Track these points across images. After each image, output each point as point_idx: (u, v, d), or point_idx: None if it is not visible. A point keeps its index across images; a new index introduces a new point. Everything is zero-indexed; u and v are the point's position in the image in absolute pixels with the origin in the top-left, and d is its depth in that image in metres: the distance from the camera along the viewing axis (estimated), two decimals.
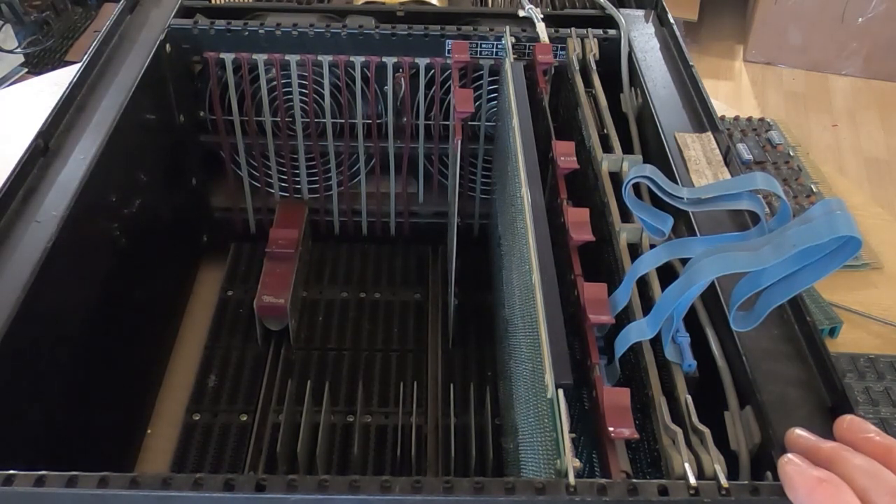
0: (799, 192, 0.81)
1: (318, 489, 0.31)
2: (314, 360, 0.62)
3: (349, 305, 0.66)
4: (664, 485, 0.31)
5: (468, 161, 0.67)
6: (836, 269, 0.32)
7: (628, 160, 0.48)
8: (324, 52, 0.61)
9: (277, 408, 0.58)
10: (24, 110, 0.88)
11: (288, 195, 0.70)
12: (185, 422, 0.57)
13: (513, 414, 0.47)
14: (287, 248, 0.65)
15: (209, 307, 0.66)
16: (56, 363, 0.45)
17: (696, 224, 0.45)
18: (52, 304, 0.44)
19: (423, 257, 0.71)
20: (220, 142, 0.66)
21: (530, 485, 0.31)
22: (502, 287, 0.55)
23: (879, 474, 0.28)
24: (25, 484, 0.31)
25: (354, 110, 0.65)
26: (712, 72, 2.13)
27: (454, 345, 0.63)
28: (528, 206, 0.42)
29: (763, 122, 0.90)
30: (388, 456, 0.55)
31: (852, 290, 0.71)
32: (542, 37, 0.60)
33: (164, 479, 0.31)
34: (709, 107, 0.54)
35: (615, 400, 0.35)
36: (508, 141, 0.50)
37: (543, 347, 0.35)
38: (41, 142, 0.49)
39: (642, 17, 0.66)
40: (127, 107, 0.53)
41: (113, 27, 0.60)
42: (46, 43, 1.64)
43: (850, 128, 1.98)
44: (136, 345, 0.58)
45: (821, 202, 0.31)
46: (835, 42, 2.09)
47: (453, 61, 0.59)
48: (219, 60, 0.62)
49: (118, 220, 0.53)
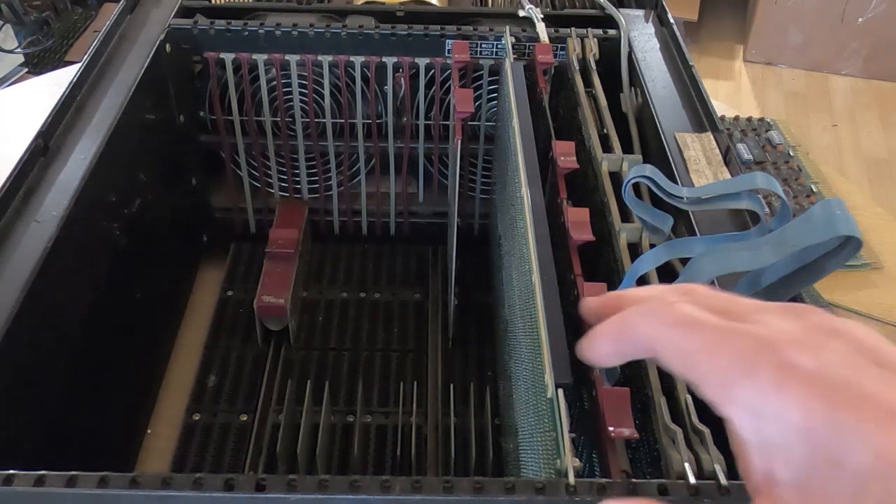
0: (799, 192, 0.81)
1: (318, 489, 0.31)
2: (314, 360, 0.62)
3: (349, 305, 0.67)
4: (664, 484, 0.31)
5: (468, 161, 0.67)
6: (836, 269, 0.32)
7: (628, 160, 0.48)
8: (324, 52, 0.61)
9: (277, 408, 0.58)
10: (24, 110, 0.88)
11: (288, 195, 0.70)
12: (185, 422, 0.57)
13: (513, 414, 0.47)
14: (287, 248, 0.65)
15: (209, 307, 0.66)
16: (56, 363, 0.45)
17: (696, 224, 0.45)
18: (52, 304, 0.44)
19: (423, 257, 0.71)
20: (220, 142, 0.66)
21: (530, 485, 0.31)
22: (502, 287, 0.55)
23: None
24: (25, 484, 0.31)
25: (354, 110, 0.65)
26: (712, 72, 2.13)
27: (454, 345, 0.63)
28: (528, 206, 0.42)
29: (763, 122, 0.90)
30: (388, 456, 0.55)
31: (852, 290, 0.71)
32: (542, 37, 0.60)
33: (164, 479, 0.31)
34: (709, 107, 0.54)
35: (615, 400, 0.35)
36: (508, 141, 0.50)
37: (543, 347, 0.35)
38: (41, 142, 0.49)
39: (642, 17, 0.66)
40: (127, 107, 0.53)
41: (113, 27, 0.60)
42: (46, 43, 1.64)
43: (850, 128, 1.98)
44: (136, 345, 0.58)
45: (821, 202, 0.31)
46: (835, 42, 2.09)
47: (453, 61, 0.59)
48: (219, 60, 0.62)
49: (118, 220, 0.53)
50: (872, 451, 0.20)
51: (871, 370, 0.22)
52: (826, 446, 0.21)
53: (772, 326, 0.23)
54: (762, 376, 0.22)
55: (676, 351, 0.25)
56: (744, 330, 0.23)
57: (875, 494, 0.20)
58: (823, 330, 0.23)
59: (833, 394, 0.21)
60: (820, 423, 0.21)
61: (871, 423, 0.20)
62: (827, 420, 0.21)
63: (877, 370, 0.22)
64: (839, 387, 0.21)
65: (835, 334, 0.23)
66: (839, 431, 0.21)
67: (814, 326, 0.23)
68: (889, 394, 0.21)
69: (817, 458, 0.21)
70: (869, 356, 0.22)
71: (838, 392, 0.21)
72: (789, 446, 0.22)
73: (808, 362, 0.22)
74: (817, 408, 0.21)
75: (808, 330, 0.23)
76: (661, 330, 0.25)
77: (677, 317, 0.25)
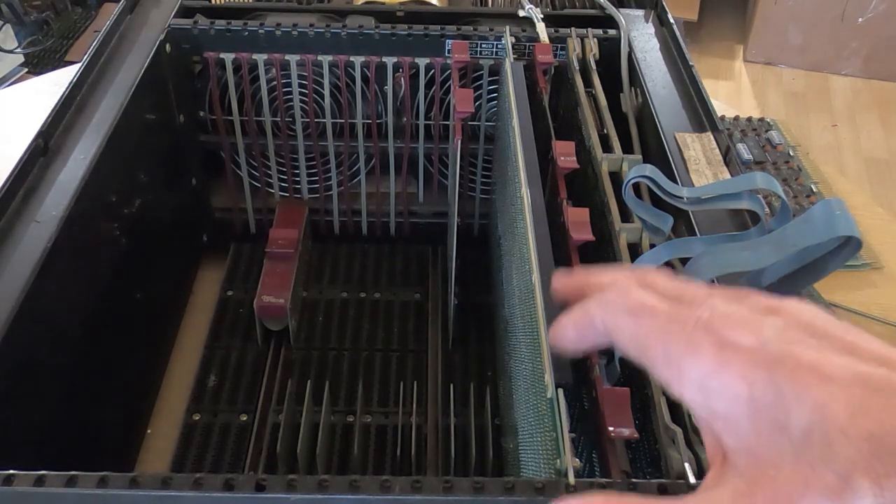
0: (799, 192, 0.81)
1: (318, 489, 0.31)
2: (314, 360, 0.62)
3: (349, 305, 0.66)
4: (664, 484, 0.31)
5: (468, 161, 0.67)
6: (836, 269, 0.32)
7: (628, 160, 0.48)
8: (324, 52, 0.61)
9: (277, 408, 0.58)
10: (24, 110, 0.88)
11: (288, 195, 0.70)
12: (185, 422, 0.57)
13: (513, 414, 0.47)
14: (287, 248, 0.65)
15: (209, 307, 0.66)
16: (56, 363, 0.45)
17: (696, 224, 0.45)
18: (52, 304, 0.44)
19: (423, 257, 0.71)
20: (220, 142, 0.66)
21: (530, 485, 0.31)
22: (502, 287, 0.55)
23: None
24: (25, 484, 0.31)
25: (354, 110, 0.65)
26: (712, 72, 2.13)
27: (454, 345, 0.63)
28: (528, 206, 0.42)
29: (763, 122, 0.90)
30: (388, 456, 0.55)
31: (852, 290, 0.71)
32: (542, 37, 0.60)
33: (164, 479, 0.31)
34: (709, 107, 0.54)
35: (615, 400, 0.35)
36: (508, 141, 0.50)
37: (543, 347, 0.35)
38: (41, 142, 0.49)
39: (642, 17, 0.66)
40: (127, 107, 0.53)
41: (113, 27, 0.60)
42: (46, 43, 1.64)
43: (850, 128, 1.98)
44: (136, 345, 0.58)
45: (821, 202, 0.31)
46: (835, 42, 2.09)
47: (453, 61, 0.59)
48: (219, 60, 0.62)
49: (118, 220, 0.53)
50: (809, 408, 0.22)
51: (806, 341, 0.23)
52: (768, 412, 0.23)
53: (716, 310, 0.25)
54: (705, 355, 0.24)
55: (630, 336, 0.27)
56: (689, 314, 0.25)
57: (816, 444, 0.21)
58: (762, 309, 0.25)
59: (771, 365, 0.23)
60: (761, 393, 0.23)
61: (807, 385, 0.22)
62: (767, 389, 0.23)
63: (811, 340, 0.23)
64: (776, 358, 0.23)
65: (773, 312, 0.25)
66: (779, 397, 0.22)
67: (753, 307, 0.25)
68: (822, 360, 0.23)
69: (762, 424, 0.23)
70: (804, 329, 0.24)
71: (776, 363, 0.23)
72: (736, 417, 0.23)
73: (748, 339, 0.24)
74: (757, 379, 0.23)
75: (748, 310, 0.25)
76: (616, 317, 0.27)
77: (631, 304, 0.27)
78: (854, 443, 0.21)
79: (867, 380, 0.22)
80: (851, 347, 0.23)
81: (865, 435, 0.21)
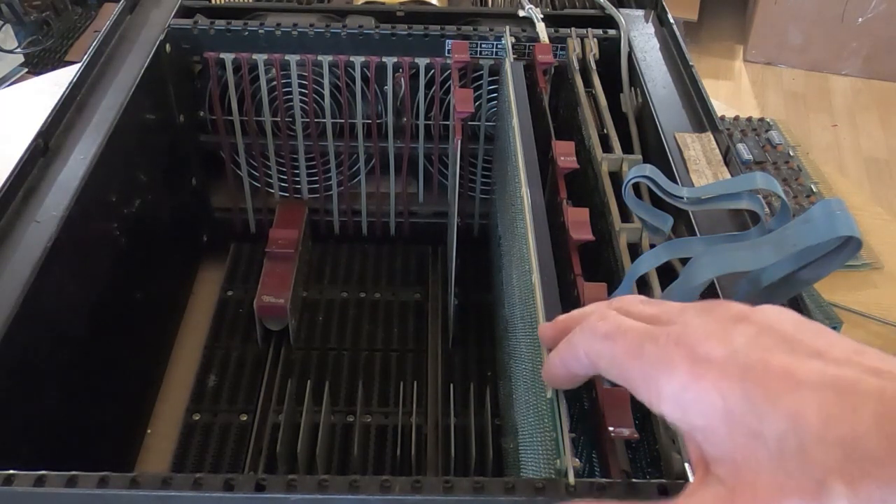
0: (799, 192, 0.81)
1: (317, 489, 0.31)
2: (314, 360, 0.62)
3: (349, 305, 0.66)
4: (664, 484, 0.31)
5: (468, 161, 0.67)
6: (836, 269, 0.32)
7: (628, 160, 0.48)
8: (324, 52, 0.61)
9: (277, 408, 0.58)
10: (24, 110, 0.88)
11: (288, 195, 0.70)
12: (185, 422, 0.57)
13: (513, 414, 0.47)
14: (287, 248, 0.65)
15: (209, 307, 0.66)
16: (56, 363, 0.45)
17: (696, 224, 0.45)
18: (52, 304, 0.44)
19: (423, 257, 0.71)
20: (220, 142, 0.66)
21: (530, 484, 0.31)
22: (502, 287, 0.55)
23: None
24: (25, 484, 0.31)
25: (354, 110, 0.65)
26: (712, 72, 2.13)
27: (454, 345, 0.63)
28: (528, 206, 0.42)
29: (763, 122, 0.90)
30: (388, 456, 0.55)
31: (852, 290, 0.71)
32: (542, 37, 0.60)
33: (164, 479, 0.31)
34: (709, 107, 0.54)
35: (615, 400, 0.35)
36: (508, 141, 0.50)
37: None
38: (41, 142, 0.49)
39: (642, 17, 0.66)
40: (127, 107, 0.53)
41: (113, 27, 0.60)
42: (46, 43, 1.64)
43: (850, 128, 1.98)
44: (136, 345, 0.58)
45: (821, 202, 0.31)
46: (835, 42, 2.09)
47: (453, 61, 0.59)
48: (219, 60, 0.62)
49: (118, 220, 0.53)
50: (782, 416, 0.22)
51: (778, 346, 0.24)
52: (743, 421, 0.23)
53: (688, 325, 0.26)
54: (679, 370, 0.25)
55: (609, 360, 0.27)
56: (661, 331, 0.26)
57: (791, 451, 0.22)
58: (731, 318, 0.25)
59: (743, 374, 0.23)
60: (735, 403, 0.23)
61: (779, 392, 0.23)
62: (741, 398, 0.23)
63: (783, 345, 0.24)
64: (748, 367, 0.24)
65: (743, 320, 0.25)
66: (753, 406, 0.23)
67: (723, 317, 0.26)
68: (794, 365, 0.23)
69: (738, 433, 0.23)
70: (775, 335, 0.24)
71: (748, 372, 0.23)
72: (713, 428, 0.24)
73: (718, 350, 0.24)
74: (731, 389, 0.23)
75: (718, 321, 0.25)
76: (593, 343, 0.28)
77: (607, 329, 0.28)
78: (828, 448, 0.21)
79: (837, 383, 0.22)
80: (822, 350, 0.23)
81: (838, 440, 0.21)
